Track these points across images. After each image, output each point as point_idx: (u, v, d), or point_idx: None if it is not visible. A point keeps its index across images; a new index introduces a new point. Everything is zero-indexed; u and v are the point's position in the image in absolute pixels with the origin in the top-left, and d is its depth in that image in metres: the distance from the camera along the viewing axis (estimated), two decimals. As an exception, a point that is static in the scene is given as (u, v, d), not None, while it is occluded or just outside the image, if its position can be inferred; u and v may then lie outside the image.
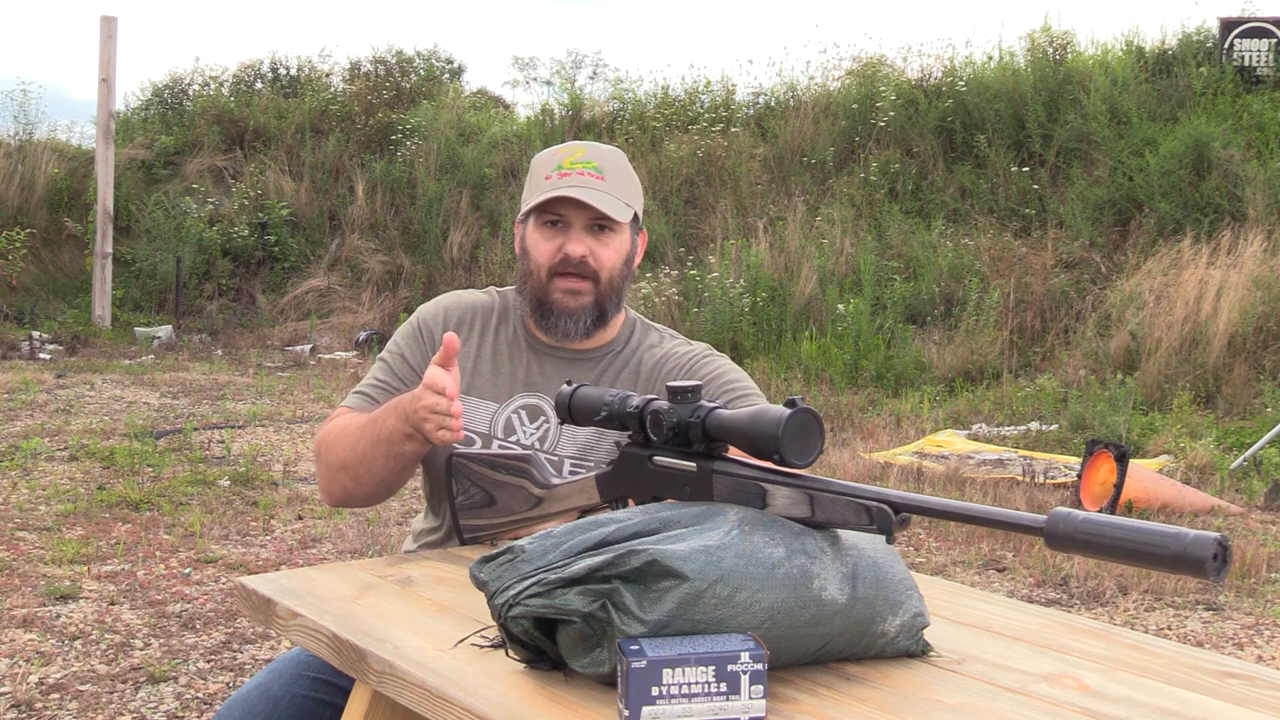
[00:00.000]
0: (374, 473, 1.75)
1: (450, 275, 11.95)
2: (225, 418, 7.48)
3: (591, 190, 1.78)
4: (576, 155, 1.82)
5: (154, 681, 3.24)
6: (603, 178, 1.80)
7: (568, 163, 1.81)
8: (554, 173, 1.80)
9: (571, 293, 1.80)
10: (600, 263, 1.81)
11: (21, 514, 4.98)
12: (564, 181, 1.79)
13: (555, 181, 1.79)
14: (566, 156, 1.82)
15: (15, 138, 13.68)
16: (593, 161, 1.81)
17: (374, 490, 1.80)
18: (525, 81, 21.90)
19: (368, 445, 1.74)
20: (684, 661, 1.01)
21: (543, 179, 1.82)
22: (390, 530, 4.81)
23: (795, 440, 1.14)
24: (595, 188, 1.79)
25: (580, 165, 1.80)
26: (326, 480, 1.83)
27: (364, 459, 1.74)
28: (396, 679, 1.16)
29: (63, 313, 11.76)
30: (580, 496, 1.46)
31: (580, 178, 1.79)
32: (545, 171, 1.82)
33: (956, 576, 4.40)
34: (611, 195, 1.80)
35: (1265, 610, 4.09)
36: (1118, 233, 9.67)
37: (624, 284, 1.86)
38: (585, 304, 1.81)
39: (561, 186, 1.78)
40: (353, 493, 1.81)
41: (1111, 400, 7.10)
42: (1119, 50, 11.23)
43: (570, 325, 1.82)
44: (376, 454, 1.73)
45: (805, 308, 9.64)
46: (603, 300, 1.83)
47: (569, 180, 1.79)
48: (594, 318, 1.82)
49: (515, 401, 1.83)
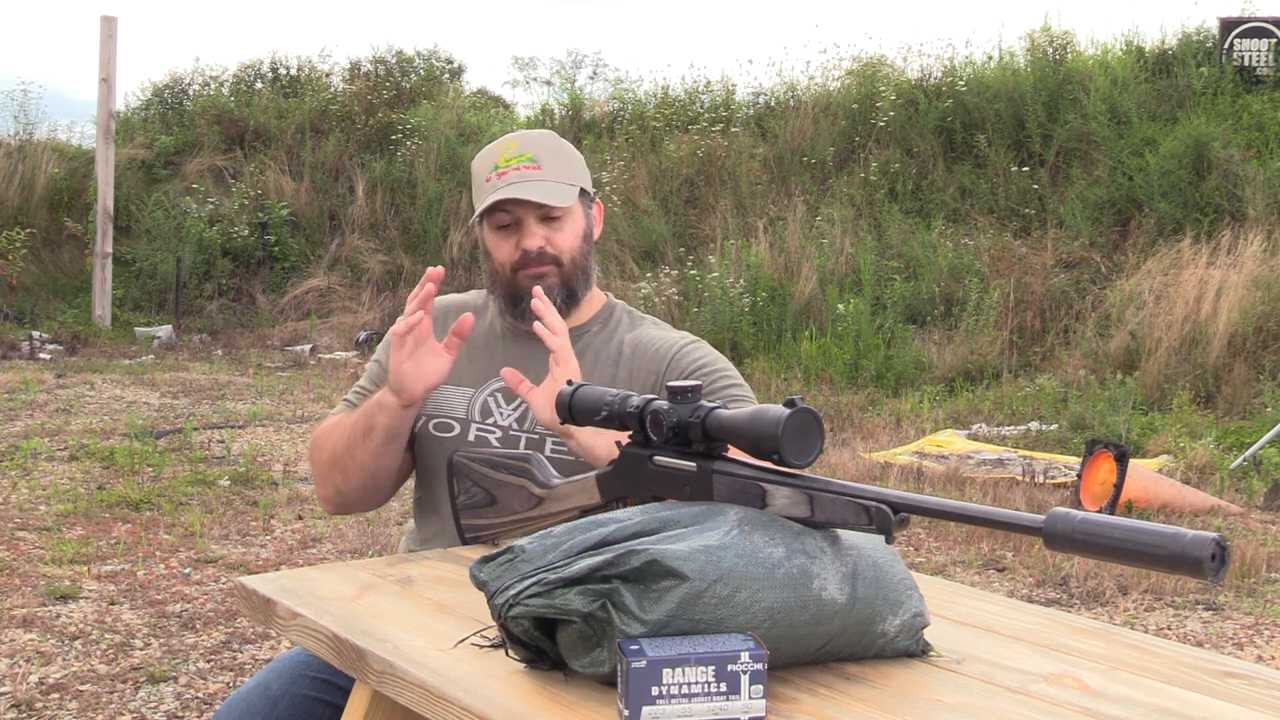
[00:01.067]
0: (357, 460, 1.79)
1: (450, 275, 11.94)
2: (225, 418, 7.48)
3: (530, 184, 1.81)
4: (510, 150, 1.84)
5: (154, 681, 3.24)
6: (539, 167, 1.82)
7: (503, 160, 1.83)
8: (492, 174, 1.84)
9: (537, 278, 1.83)
10: (559, 247, 1.84)
11: (21, 514, 4.98)
12: (503, 181, 1.82)
13: (495, 183, 1.83)
14: (501, 154, 1.84)
15: (15, 138, 13.67)
16: (526, 153, 1.83)
17: (362, 485, 1.82)
18: (525, 81, 21.92)
19: (348, 432, 1.80)
20: (684, 661, 1.01)
21: (484, 182, 1.85)
22: (390, 530, 4.81)
23: (795, 440, 1.14)
24: (533, 179, 1.81)
25: (516, 160, 1.83)
26: (321, 483, 1.88)
27: (349, 447, 1.80)
28: (396, 679, 1.16)
29: (63, 313, 11.76)
30: (581, 496, 1.46)
31: (517, 173, 1.82)
32: (485, 174, 1.85)
33: (956, 576, 4.40)
34: (551, 181, 1.82)
35: (1265, 610, 4.09)
36: (1118, 233, 9.67)
37: (587, 260, 1.89)
38: (552, 285, 1.83)
39: (501, 187, 1.81)
40: (344, 491, 1.84)
41: (1111, 400, 7.10)
42: (1119, 50, 11.23)
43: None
44: (355, 437, 1.78)
45: (805, 308, 9.64)
46: (569, 279, 1.86)
47: (507, 179, 1.82)
48: (564, 297, 1.85)
49: (491, 385, 1.86)
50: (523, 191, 1.80)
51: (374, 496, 1.87)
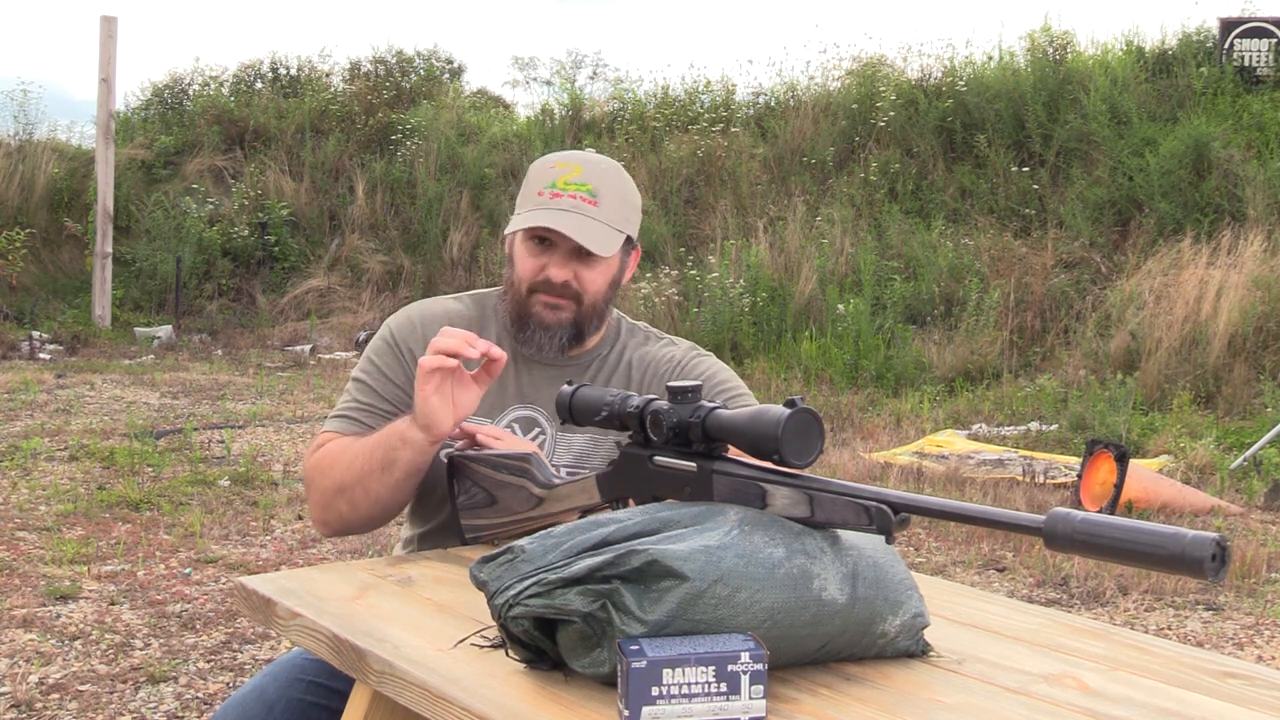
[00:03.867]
0: (371, 493, 1.69)
1: (450, 275, 11.94)
2: (225, 418, 7.48)
3: (581, 218, 1.72)
4: (572, 175, 1.75)
5: (154, 681, 3.24)
6: (596, 202, 1.74)
7: (561, 182, 1.75)
8: (547, 190, 1.75)
9: (551, 307, 1.77)
10: (584, 285, 1.77)
11: (21, 514, 4.98)
12: (555, 204, 1.73)
13: (546, 201, 1.74)
14: (562, 175, 1.76)
15: (15, 138, 13.67)
16: (588, 184, 1.74)
17: (370, 515, 1.73)
18: (525, 81, 21.91)
19: (362, 463, 1.69)
20: (684, 661, 1.01)
21: (535, 194, 1.76)
22: (390, 530, 4.81)
23: (795, 440, 1.14)
24: (586, 214, 1.73)
25: (575, 187, 1.74)
26: (321, 508, 1.76)
27: (361, 479, 1.69)
28: (396, 679, 1.16)
29: (63, 313, 11.76)
30: (581, 496, 1.46)
31: (572, 201, 1.73)
32: (539, 186, 1.76)
33: (956, 576, 4.40)
34: (602, 222, 1.74)
35: (1265, 610, 4.09)
36: (1118, 233, 9.67)
37: (607, 305, 1.82)
38: (564, 320, 1.78)
39: (551, 208, 1.73)
40: (348, 518, 1.74)
41: (1111, 400, 7.10)
42: (1119, 50, 11.23)
43: (545, 340, 1.79)
44: (371, 469, 1.67)
45: (805, 308, 9.64)
46: (582, 320, 1.79)
47: (560, 203, 1.73)
48: (570, 335, 1.79)
49: (509, 414, 1.81)
50: (568, 227, 1.71)
51: (379, 523, 1.78)
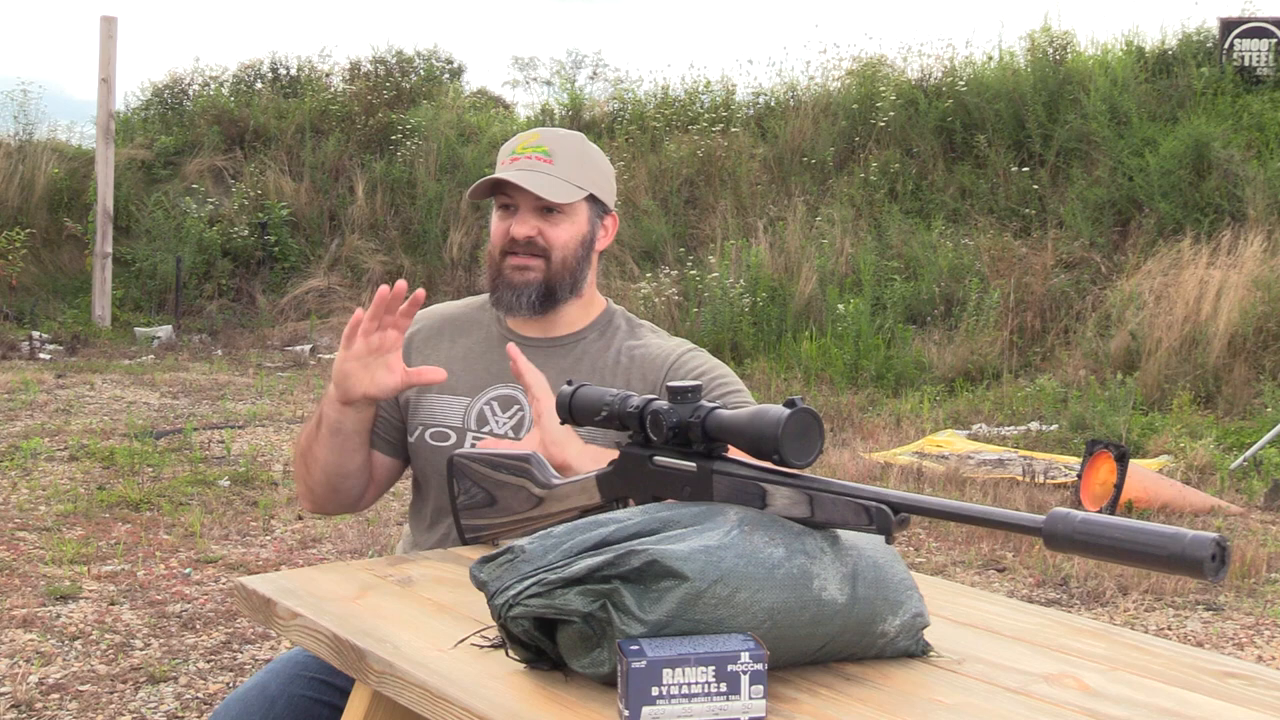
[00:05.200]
0: (316, 456, 1.81)
1: (450, 275, 11.94)
2: (225, 418, 7.48)
3: (532, 174, 1.80)
4: (530, 140, 1.85)
5: (154, 681, 3.24)
6: (551, 160, 1.82)
7: (519, 148, 1.84)
8: (507, 159, 1.85)
9: (519, 268, 1.83)
10: (550, 241, 1.83)
11: (21, 514, 4.98)
12: (513, 166, 1.82)
13: (505, 167, 1.83)
14: (520, 142, 1.85)
15: (15, 138, 13.67)
16: (544, 146, 1.83)
17: (325, 481, 1.83)
18: (525, 81, 21.91)
19: (309, 427, 1.83)
20: (684, 661, 1.01)
21: (500, 166, 1.85)
22: (390, 530, 4.81)
23: (795, 440, 1.14)
24: (539, 170, 1.81)
25: (531, 150, 1.83)
26: (297, 480, 1.91)
27: (308, 442, 1.82)
28: (396, 679, 1.16)
29: (63, 313, 11.76)
30: (581, 496, 1.45)
31: (528, 161, 1.81)
32: (503, 158, 1.86)
33: (956, 576, 4.40)
34: (557, 177, 1.81)
35: (1265, 610, 4.09)
36: (1118, 233, 9.67)
37: (580, 266, 1.86)
38: (532, 279, 1.82)
39: (508, 170, 1.82)
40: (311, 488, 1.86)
41: (1111, 400, 7.10)
42: (1119, 50, 11.23)
43: (514, 299, 1.83)
44: (311, 430, 1.81)
45: (805, 308, 9.64)
46: (552, 279, 1.83)
47: (517, 164, 1.82)
48: (540, 294, 1.83)
49: (488, 393, 1.85)
50: (520, 178, 1.79)
51: (343, 496, 1.86)
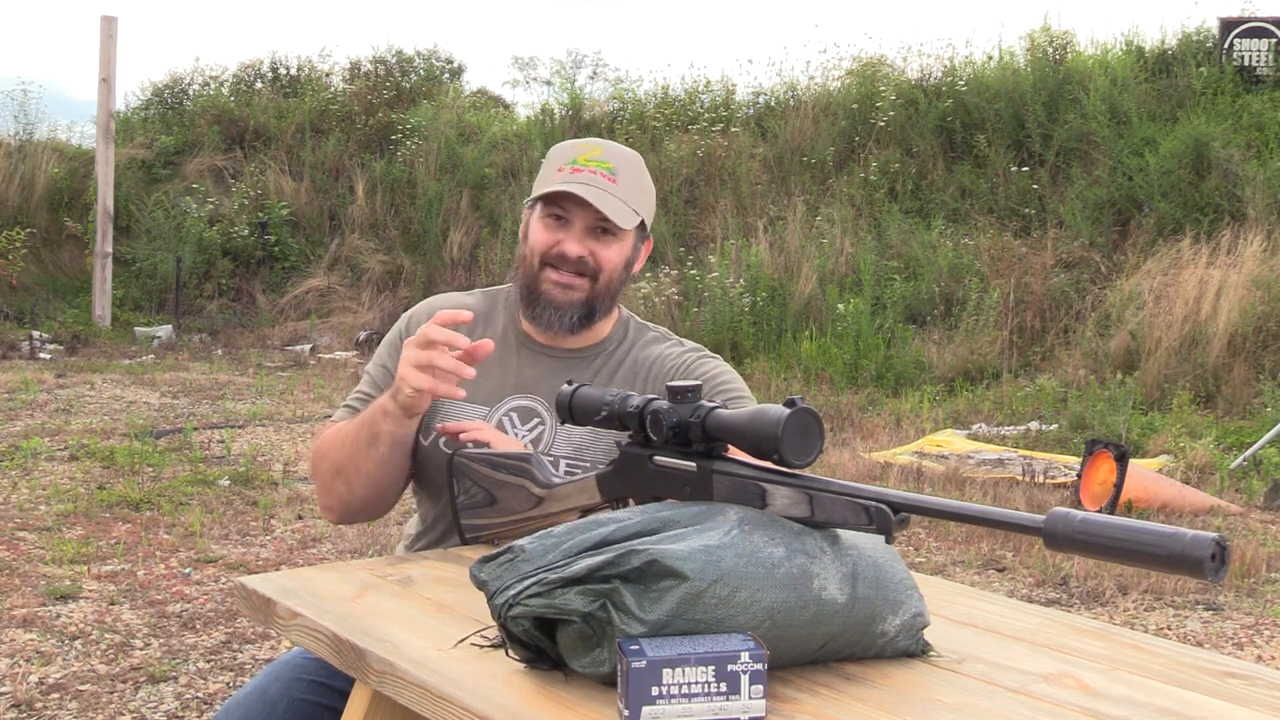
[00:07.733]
0: (361, 470, 1.73)
1: (450, 275, 11.94)
2: (225, 418, 7.48)
3: (600, 191, 1.75)
4: (594, 153, 1.78)
5: (154, 681, 3.24)
6: (615, 180, 1.77)
7: (583, 159, 1.77)
8: (567, 166, 1.77)
9: (564, 286, 1.78)
10: (600, 263, 1.78)
11: (21, 514, 4.98)
12: (575, 177, 1.75)
13: (566, 176, 1.76)
14: (583, 152, 1.79)
15: (15, 138, 13.67)
16: (608, 162, 1.77)
17: (366, 494, 1.76)
18: (525, 81, 21.91)
19: (351, 441, 1.73)
20: (684, 661, 1.01)
21: (555, 170, 1.79)
22: (390, 530, 4.81)
23: (795, 440, 1.14)
24: (604, 189, 1.75)
25: (595, 164, 1.77)
26: (323, 493, 1.81)
27: (352, 457, 1.73)
28: (396, 679, 1.16)
29: (63, 313, 11.76)
30: (581, 496, 1.45)
31: (592, 176, 1.75)
32: (559, 163, 1.79)
33: (956, 576, 4.40)
34: (620, 199, 1.76)
35: (1265, 610, 4.09)
36: (1117, 232, 9.67)
37: (619, 288, 1.83)
38: (575, 300, 1.78)
39: (572, 182, 1.75)
40: (349, 501, 1.78)
41: (1111, 400, 7.10)
42: (1119, 50, 11.23)
43: (556, 318, 1.79)
44: (359, 446, 1.71)
45: (805, 308, 9.64)
46: (594, 300, 1.80)
47: (580, 177, 1.75)
48: (582, 315, 1.79)
49: (507, 404, 1.81)
50: (590, 194, 1.73)
51: (379, 505, 1.81)
